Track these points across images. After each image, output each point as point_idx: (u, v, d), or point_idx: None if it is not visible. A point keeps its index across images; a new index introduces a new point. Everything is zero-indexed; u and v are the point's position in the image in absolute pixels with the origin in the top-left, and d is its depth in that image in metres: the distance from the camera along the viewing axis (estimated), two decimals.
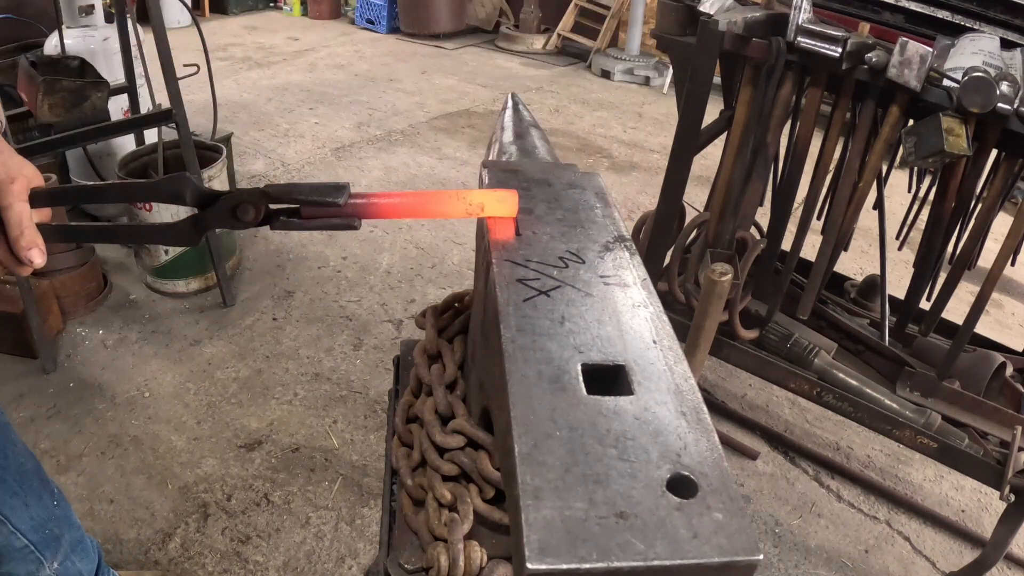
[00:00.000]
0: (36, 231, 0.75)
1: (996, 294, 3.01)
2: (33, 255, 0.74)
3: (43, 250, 0.75)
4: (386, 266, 3.27)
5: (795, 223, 2.11)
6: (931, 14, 1.91)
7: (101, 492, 2.06)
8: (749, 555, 0.48)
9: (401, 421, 0.95)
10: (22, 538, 1.35)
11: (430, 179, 4.17)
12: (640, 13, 6.16)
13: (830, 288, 2.39)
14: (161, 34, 2.33)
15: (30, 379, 2.45)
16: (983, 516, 2.27)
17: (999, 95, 1.52)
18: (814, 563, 2.05)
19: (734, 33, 1.79)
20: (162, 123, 2.57)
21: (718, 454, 0.54)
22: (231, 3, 7.68)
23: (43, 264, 0.75)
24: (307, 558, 1.93)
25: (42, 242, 0.75)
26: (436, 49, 6.96)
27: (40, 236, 0.75)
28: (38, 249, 0.75)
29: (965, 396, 1.98)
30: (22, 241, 0.74)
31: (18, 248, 0.74)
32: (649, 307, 0.70)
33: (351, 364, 2.64)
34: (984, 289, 1.81)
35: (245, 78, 5.70)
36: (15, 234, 0.74)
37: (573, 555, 0.46)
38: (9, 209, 0.74)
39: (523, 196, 0.84)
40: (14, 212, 0.74)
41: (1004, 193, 1.80)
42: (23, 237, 0.74)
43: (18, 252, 0.74)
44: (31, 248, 0.74)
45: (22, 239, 0.74)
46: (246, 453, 2.22)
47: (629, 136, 5.09)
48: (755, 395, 2.68)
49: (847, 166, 1.91)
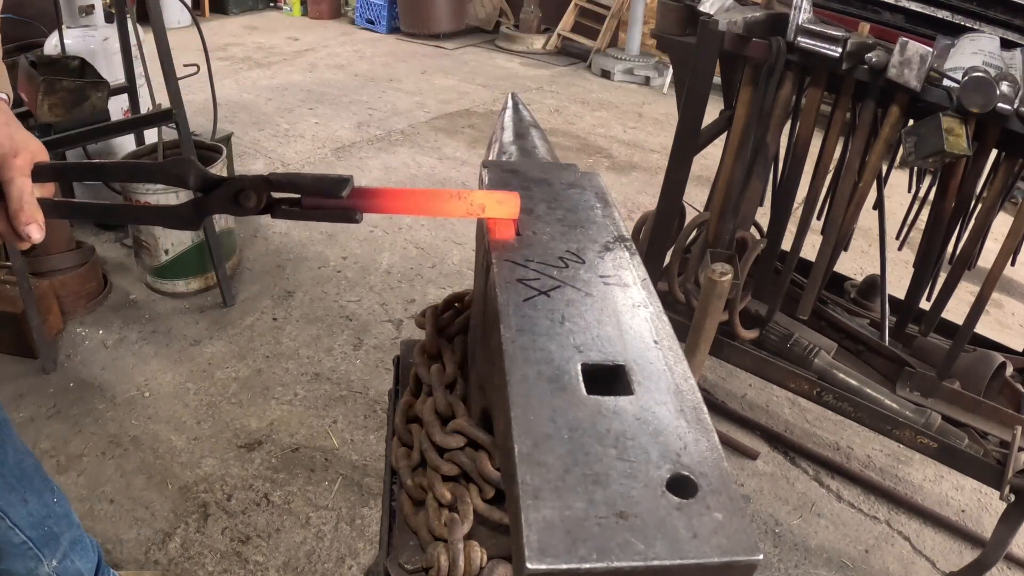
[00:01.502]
0: (36, 207, 0.76)
1: (996, 294, 3.00)
2: (31, 230, 0.75)
3: (41, 226, 0.76)
4: (386, 266, 3.27)
5: (795, 223, 2.11)
6: (931, 14, 1.91)
7: (101, 492, 2.06)
8: (749, 555, 0.48)
9: (401, 421, 0.95)
10: (20, 534, 1.35)
11: (430, 179, 4.17)
12: (640, 13, 6.16)
13: (830, 288, 2.39)
14: (161, 34, 2.33)
15: (30, 379, 2.45)
16: (983, 516, 2.27)
17: (999, 95, 1.52)
18: (814, 563, 2.05)
19: (734, 33, 1.79)
20: (162, 123, 2.57)
21: (718, 454, 0.54)
22: (231, 3, 7.68)
23: (41, 239, 0.76)
24: (307, 558, 1.93)
25: (42, 218, 0.76)
26: (436, 49, 6.96)
27: (40, 212, 0.76)
28: (36, 225, 0.75)
29: (965, 396, 1.98)
30: (21, 216, 0.74)
31: (17, 222, 0.75)
32: (649, 307, 0.70)
33: (351, 364, 2.64)
34: (984, 289, 1.81)
35: (245, 78, 5.70)
36: (15, 208, 0.74)
37: (573, 555, 0.46)
38: (11, 183, 0.75)
39: (523, 196, 0.84)
40: (15, 187, 0.75)
41: (1004, 193, 1.80)
42: (23, 212, 0.74)
43: (17, 227, 0.75)
44: (30, 223, 0.75)
45: (22, 213, 0.74)
46: (246, 453, 2.22)
47: (629, 136, 5.09)
48: (755, 395, 2.68)
49: (847, 166, 1.91)
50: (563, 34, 6.93)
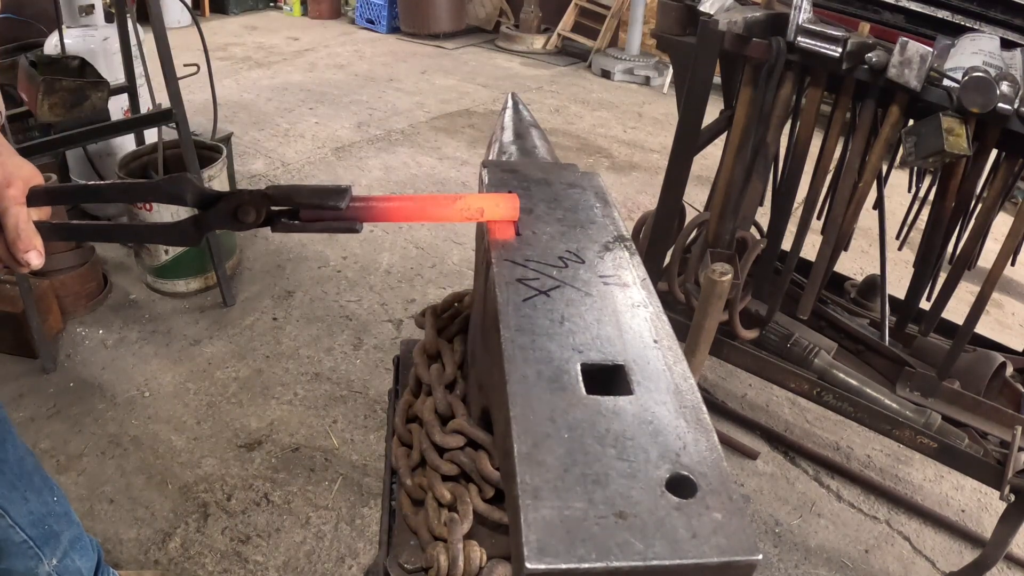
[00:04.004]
0: (34, 233, 0.77)
1: (996, 294, 3.00)
2: (30, 257, 0.76)
3: (40, 251, 0.77)
4: (386, 266, 3.27)
5: (795, 223, 2.11)
6: (931, 14, 1.91)
7: (101, 492, 2.06)
8: (748, 555, 0.48)
9: (401, 421, 0.95)
10: (21, 533, 1.35)
11: (430, 179, 4.17)
12: (640, 13, 6.15)
13: (830, 288, 2.39)
14: (161, 34, 2.33)
15: (30, 379, 2.45)
16: (983, 516, 2.27)
17: (999, 95, 1.52)
18: (814, 563, 2.05)
19: (734, 33, 1.79)
20: (162, 123, 2.57)
21: (717, 454, 0.54)
22: (231, 3, 7.68)
23: (40, 265, 0.77)
24: (307, 558, 1.93)
25: (40, 243, 0.77)
26: (436, 49, 6.96)
27: (38, 237, 0.77)
28: (36, 251, 0.77)
29: (965, 396, 1.98)
30: (19, 244, 0.76)
31: (15, 251, 0.76)
32: (649, 307, 0.70)
33: (351, 364, 2.64)
34: (984, 289, 1.81)
35: (245, 78, 5.70)
36: (12, 237, 0.76)
37: (572, 555, 0.46)
38: (5, 213, 0.76)
39: (523, 196, 0.84)
40: (10, 216, 0.76)
41: (1004, 193, 1.80)
42: (20, 240, 0.76)
43: (16, 255, 0.76)
44: (28, 251, 0.76)
45: (19, 242, 0.76)
46: (246, 453, 2.22)
47: (629, 136, 5.09)
48: (755, 395, 2.68)
49: (847, 166, 1.91)
50: (563, 34, 6.93)
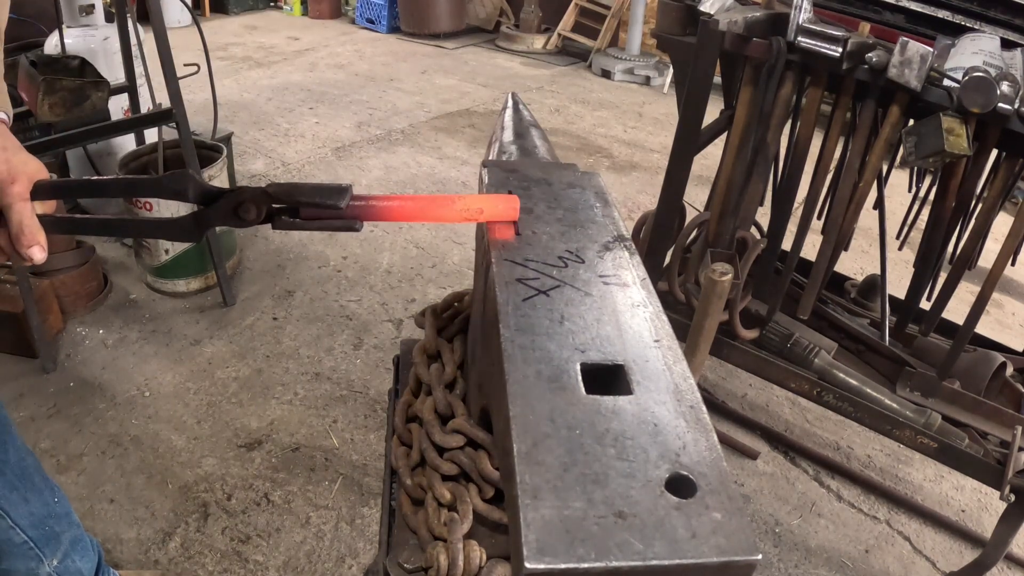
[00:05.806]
0: (37, 228, 0.78)
1: (996, 294, 3.01)
2: (33, 252, 0.78)
3: (43, 246, 0.78)
4: (386, 265, 3.27)
5: (795, 223, 2.11)
6: (931, 14, 1.91)
7: (101, 492, 2.06)
8: (748, 555, 0.48)
9: (401, 421, 0.95)
10: (21, 534, 1.35)
11: (430, 179, 4.17)
12: (640, 13, 6.15)
13: (830, 288, 2.39)
14: (161, 33, 2.33)
15: (30, 379, 2.45)
16: (983, 516, 2.27)
17: (999, 95, 1.52)
18: (814, 563, 2.05)
19: (734, 33, 1.79)
20: (162, 123, 2.57)
21: (717, 454, 0.54)
22: (231, 3, 7.68)
23: (43, 259, 0.79)
24: (307, 558, 1.93)
25: (43, 239, 0.78)
26: (436, 49, 6.96)
27: (42, 233, 0.78)
28: (39, 247, 0.78)
29: (965, 396, 1.98)
30: (23, 239, 0.77)
31: (19, 245, 0.77)
32: (648, 307, 0.70)
33: (351, 364, 2.64)
34: (984, 289, 1.81)
35: (245, 78, 5.70)
36: (15, 232, 0.77)
37: (571, 555, 0.46)
38: (9, 209, 0.77)
39: (523, 196, 0.84)
40: (15, 212, 0.77)
41: (1004, 193, 1.80)
42: (23, 235, 0.77)
43: (19, 249, 0.78)
44: (31, 246, 0.77)
45: (23, 237, 0.77)
46: (246, 453, 2.22)
47: (629, 136, 5.09)
48: (755, 395, 2.68)
49: (847, 166, 1.91)
50: (563, 34, 6.93)
